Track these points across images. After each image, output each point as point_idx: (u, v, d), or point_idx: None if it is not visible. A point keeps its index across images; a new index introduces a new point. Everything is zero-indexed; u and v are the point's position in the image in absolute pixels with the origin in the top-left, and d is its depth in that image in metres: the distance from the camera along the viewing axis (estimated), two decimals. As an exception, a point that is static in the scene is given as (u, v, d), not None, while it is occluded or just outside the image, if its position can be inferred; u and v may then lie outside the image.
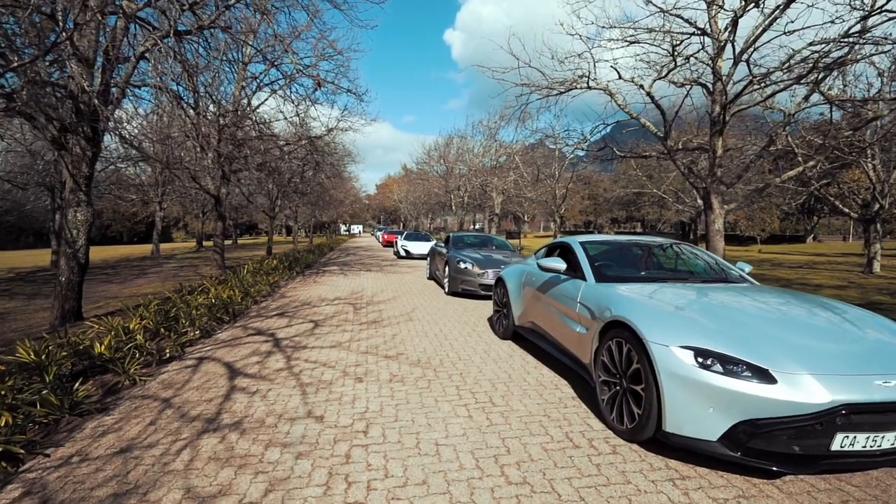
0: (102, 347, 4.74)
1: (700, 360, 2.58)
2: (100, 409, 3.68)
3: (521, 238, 38.47)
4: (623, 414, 3.00)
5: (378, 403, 3.63)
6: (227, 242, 42.05)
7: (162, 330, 5.70)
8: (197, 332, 6.06)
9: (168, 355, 5.10)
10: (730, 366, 2.51)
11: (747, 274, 4.43)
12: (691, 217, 40.74)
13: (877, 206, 16.29)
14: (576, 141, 13.68)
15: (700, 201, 26.83)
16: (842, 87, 12.35)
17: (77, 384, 3.79)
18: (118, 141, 11.12)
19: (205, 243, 31.77)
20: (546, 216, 41.46)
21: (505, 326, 5.68)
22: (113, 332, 5.14)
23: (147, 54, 7.50)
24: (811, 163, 10.52)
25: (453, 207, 39.72)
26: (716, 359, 2.55)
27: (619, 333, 3.09)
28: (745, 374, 2.47)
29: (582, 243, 4.55)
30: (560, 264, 4.22)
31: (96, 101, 5.94)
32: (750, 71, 8.41)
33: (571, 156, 16.05)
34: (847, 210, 17.72)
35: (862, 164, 15.79)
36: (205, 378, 4.33)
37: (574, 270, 4.25)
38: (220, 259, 13.84)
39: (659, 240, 5.25)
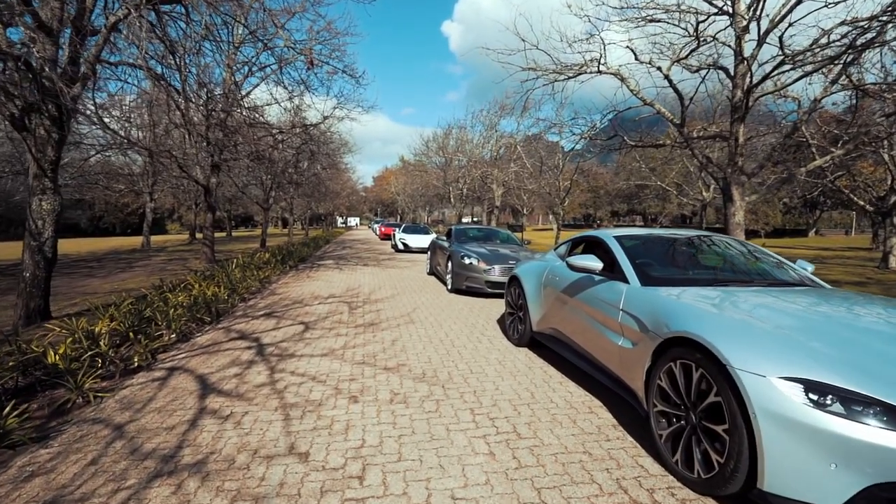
0: (56, 356, 4.06)
1: (813, 396, 1.90)
2: (38, 437, 3.02)
3: (523, 231, 37.73)
4: (694, 459, 2.32)
5: (377, 434, 2.96)
6: (221, 235, 41.27)
7: (132, 334, 5.00)
8: (173, 336, 5.39)
9: (136, 364, 4.42)
10: (857, 406, 1.84)
11: (811, 274, 3.75)
12: (693, 210, 40.10)
13: (893, 198, 15.70)
14: (583, 130, 12.97)
15: (705, 194, 26.38)
16: (858, 74, 11.69)
17: (9, 408, 3.10)
18: (99, 124, 10.37)
19: (198, 235, 30.92)
20: (546, 209, 40.70)
21: (521, 332, 4.99)
22: (71, 338, 4.46)
23: (120, 25, 6.75)
24: (839, 151, 9.85)
25: (452, 200, 38.96)
26: (835, 396, 1.88)
27: (687, 354, 2.41)
28: (881, 418, 1.80)
29: (618, 238, 3.83)
30: (595, 263, 3.51)
31: (52, 74, 5.18)
32: (781, 49, 7.71)
33: (576, 145, 15.33)
34: (862, 203, 17.08)
35: (880, 155, 15.15)
36: (172, 396, 3.65)
37: (611, 270, 3.56)
38: (209, 252, 13.14)
39: (692, 232, 4.51)
